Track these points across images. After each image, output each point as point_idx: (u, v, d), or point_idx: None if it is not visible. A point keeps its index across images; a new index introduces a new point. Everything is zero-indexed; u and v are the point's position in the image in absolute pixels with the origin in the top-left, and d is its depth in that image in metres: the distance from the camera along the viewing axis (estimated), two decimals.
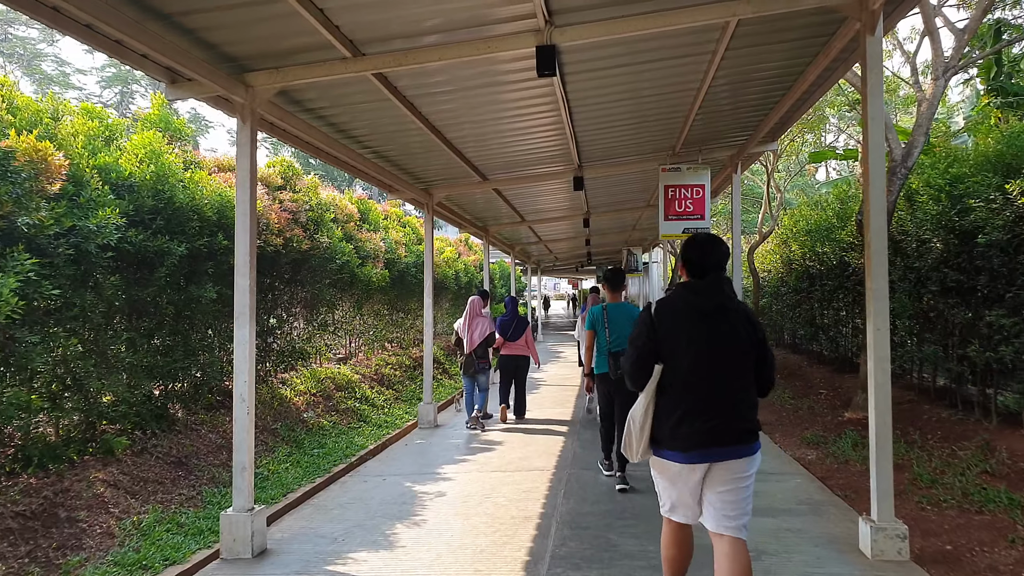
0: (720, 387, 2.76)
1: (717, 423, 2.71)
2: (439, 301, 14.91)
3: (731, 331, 2.79)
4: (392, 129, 6.14)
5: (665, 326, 2.86)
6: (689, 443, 2.74)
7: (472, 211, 11.03)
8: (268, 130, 5.19)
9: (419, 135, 6.34)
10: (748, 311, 2.89)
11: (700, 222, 8.10)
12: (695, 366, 2.76)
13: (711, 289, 2.85)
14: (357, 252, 9.56)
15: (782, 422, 8.04)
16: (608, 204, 11.98)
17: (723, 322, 2.80)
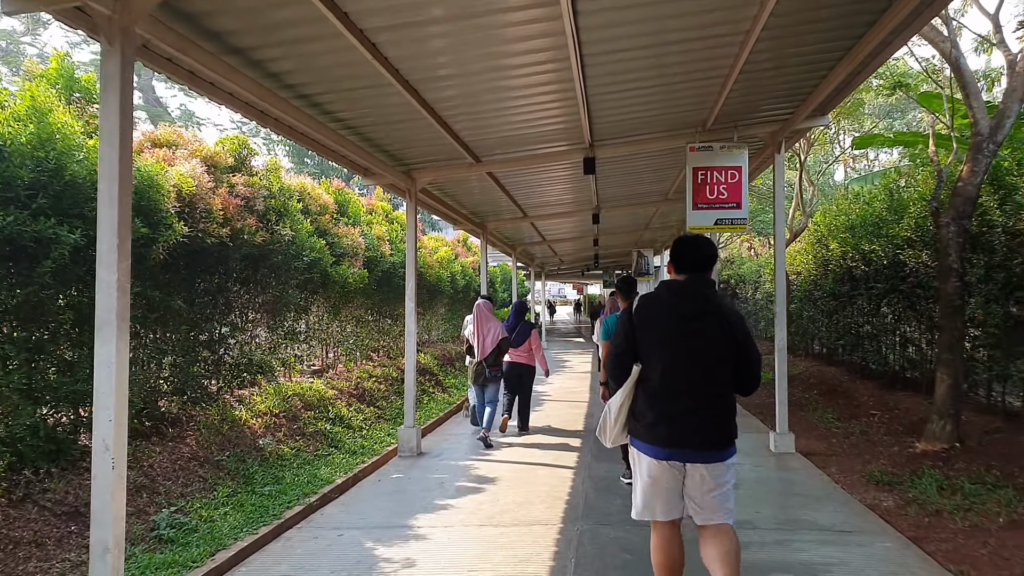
0: (693, 390, 2.79)
1: (687, 426, 2.76)
2: (433, 306, 13.60)
3: (707, 334, 2.80)
4: (357, 86, 4.84)
5: (643, 326, 2.91)
6: (661, 441, 2.79)
7: (466, 203, 9.71)
8: (167, 68, 3.85)
9: (396, 98, 5.05)
10: (729, 312, 2.85)
11: (736, 211, 6.77)
12: (668, 367, 2.81)
13: (690, 290, 2.87)
14: (332, 249, 8.26)
15: (834, 451, 6.68)
16: (621, 197, 10.65)
17: (700, 324, 2.81)
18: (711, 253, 2.94)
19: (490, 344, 7.47)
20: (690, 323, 2.82)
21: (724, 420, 2.82)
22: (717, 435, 2.79)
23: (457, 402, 10.71)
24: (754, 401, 10.01)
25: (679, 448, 2.77)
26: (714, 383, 2.80)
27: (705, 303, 2.85)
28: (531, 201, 10.12)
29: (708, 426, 2.77)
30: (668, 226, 15.23)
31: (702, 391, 2.79)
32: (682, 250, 2.95)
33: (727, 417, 2.83)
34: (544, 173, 8.25)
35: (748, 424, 8.26)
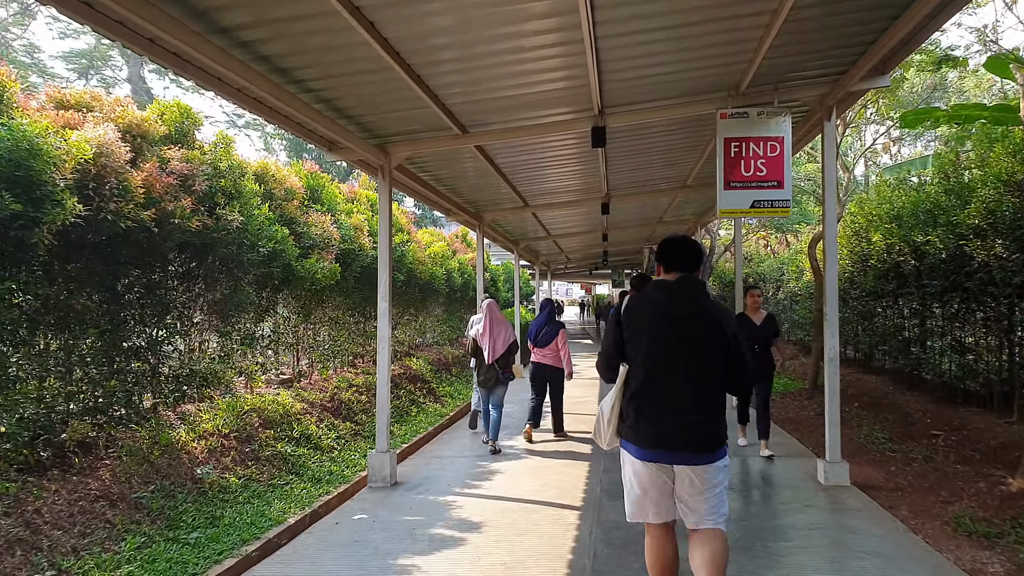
0: (680, 391, 2.76)
1: (671, 427, 2.74)
2: (427, 307, 12.45)
3: (695, 335, 2.78)
4: (311, 30, 3.71)
5: (631, 326, 2.90)
6: (646, 442, 2.77)
7: (457, 188, 8.54)
8: None
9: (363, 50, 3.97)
10: (719, 313, 2.82)
11: (777, 192, 5.58)
12: (656, 368, 2.79)
13: (680, 290, 2.85)
14: (299, 240, 7.13)
15: (898, 485, 5.48)
16: (634, 183, 9.45)
17: (689, 325, 2.79)
18: (698, 252, 2.96)
19: (501, 346, 7.06)
20: (679, 324, 2.80)
21: (712, 422, 2.78)
22: (704, 437, 2.75)
23: (451, 413, 9.58)
24: (785, 415, 8.79)
25: (665, 450, 2.75)
26: (702, 384, 2.78)
27: (694, 304, 2.82)
28: (532, 187, 8.94)
29: (695, 428, 2.74)
30: (683, 219, 14.00)
31: (689, 392, 2.76)
32: (670, 249, 2.97)
33: (716, 419, 2.80)
34: (546, 150, 7.07)
35: (785, 445, 7.05)
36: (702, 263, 3.05)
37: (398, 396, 9.37)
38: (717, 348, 2.77)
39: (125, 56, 24.43)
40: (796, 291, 13.49)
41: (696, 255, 2.95)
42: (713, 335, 2.78)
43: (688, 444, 2.73)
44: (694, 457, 2.73)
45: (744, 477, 5.85)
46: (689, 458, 2.73)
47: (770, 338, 6.46)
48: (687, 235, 2.98)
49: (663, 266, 2.98)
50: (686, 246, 2.97)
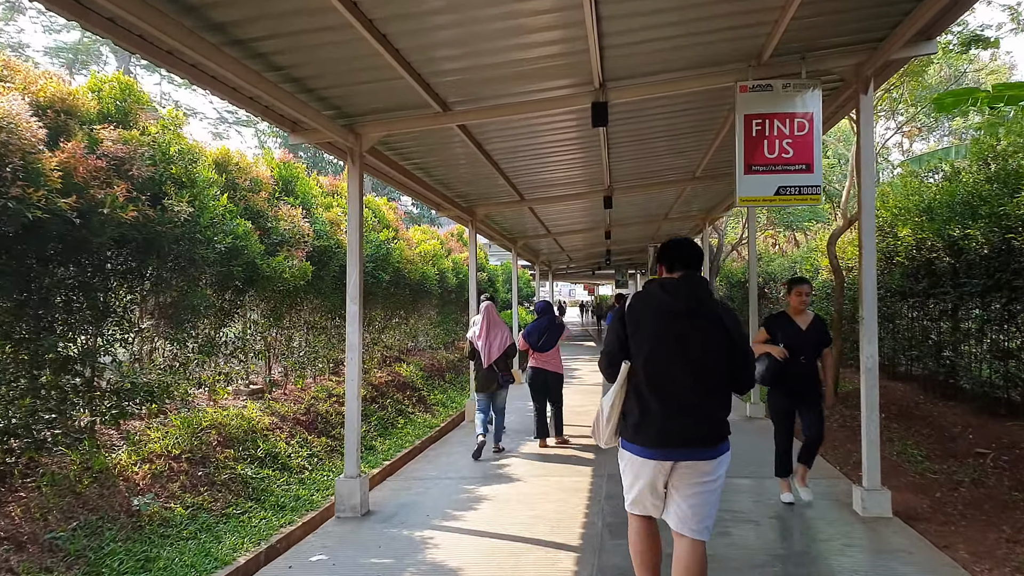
0: (683, 387, 2.76)
1: (677, 423, 2.74)
2: (418, 309, 11.72)
3: (698, 332, 2.78)
4: None
5: (634, 323, 2.88)
6: (650, 440, 2.77)
7: (444, 179, 7.79)
8: None
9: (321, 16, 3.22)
10: (722, 311, 2.84)
11: (806, 176, 4.83)
12: (658, 365, 2.78)
13: (681, 288, 2.84)
14: (265, 235, 6.40)
15: (948, 515, 4.72)
16: (638, 174, 8.71)
17: (691, 322, 2.79)
18: (699, 252, 2.97)
19: (497, 350, 6.82)
20: (681, 321, 2.80)
21: (714, 418, 2.80)
22: (706, 432, 2.76)
23: (441, 424, 8.85)
24: None
25: (666, 447, 2.75)
26: (704, 381, 2.78)
27: (697, 301, 2.82)
28: (528, 179, 8.20)
29: (698, 424, 2.76)
30: (690, 216, 13.25)
31: (691, 388, 2.77)
32: (671, 249, 2.98)
33: (718, 415, 2.81)
34: (541, 134, 6.33)
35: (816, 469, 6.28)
36: (703, 263, 3.03)
37: (383, 407, 8.64)
38: (719, 344, 2.78)
39: (115, 51, 23.78)
40: (823, 289, 12.71)
41: (698, 255, 2.97)
42: (715, 331, 2.79)
43: (690, 440, 2.74)
44: (695, 452, 2.74)
45: (773, 506, 5.09)
46: (690, 453, 2.74)
47: (819, 346, 5.02)
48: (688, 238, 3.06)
49: (665, 266, 2.99)
50: (687, 246, 2.98)
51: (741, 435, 7.57)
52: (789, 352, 4.82)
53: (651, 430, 2.76)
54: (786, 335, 4.92)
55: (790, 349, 4.84)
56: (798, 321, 5.02)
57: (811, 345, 4.96)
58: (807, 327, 5.00)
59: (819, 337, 5.02)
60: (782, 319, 5.06)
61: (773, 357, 4.83)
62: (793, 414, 5.10)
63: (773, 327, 5.04)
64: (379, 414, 8.28)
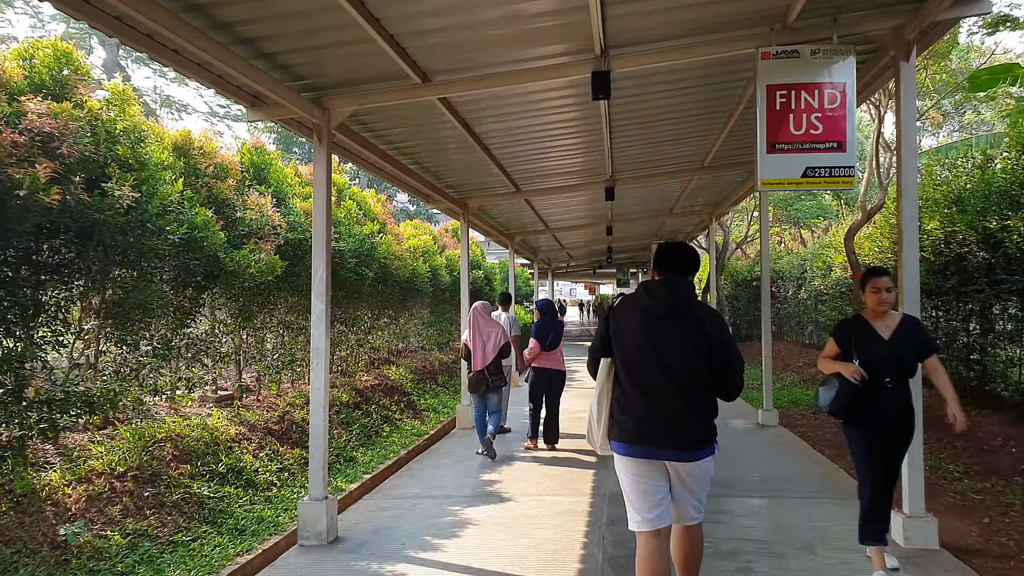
0: (660, 389, 2.78)
1: (654, 423, 2.77)
2: (408, 308, 11.10)
3: (676, 334, 2.80)
4: None
5: (616, 324, 2.94)
6: (630, 437, 2.81)
7: (430, 166, 7.15)
8: None
9: None
10: (704, 313, 2.82)
11: (837, 155, 4.20)
12: (637, 366, 2.83)
13: (663, 291, 2.85)
14: (232, 227, 5.79)
15: (999, 543, 4.10)
16: (642, 163, 8.09)
17: (671, 324, 2.81)
18: (691, 257, 2.96)
19: (492, 351, 6.64)
20: (662, 323, 2.83)
21: (695, 420, 2.78)
22: (685, 434, 2.76)
23: (431, 432, 8.23)
24: (821, 435, 7.40)
25: (648, 446, 2.78)
26: (681, 381, 2.77)
27: (677, 303, 2.84)
28: (524, 167, 7.58)
29: (675, 424, 2.76)
30: (695, 211, 12.62)
31: (668, 389, 2.77)
32: (662, 253, 2.99)
33: (700, 417, 2.80)
34: (536, 113, 5.71)
35: (833, 479, 5.65)
36: (696, 268, 2.99)
37: (367, 413, 8.02)
38: (698, 347, 2.77)
39: (103, 41, 23.19)
40: (822, 289, 12.09)
41: (688, 259, 2.95)
42: (693, 333, 2.78)
43: (669, 440, 2.76)
44: (676, 454, 2.76)
45: (799, 533, 4.47)
46: (671, 454, 2.77)
47: (911, 360, 3.56)
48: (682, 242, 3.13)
49: (656, 270, 3.01)
50: (677, 250, 2.98)
51: (753, 446, 6.94)
52: (867, 370, 3.44)
53: (631, 428, 2.81)
54: (862, 348, 3.53)
55: (868, 366, 3.45)
56: (878, 327, 3.58)
57: (898, 360, 3.50)
58: (892, 334, 3.54)
59: (912, 346, 3.52)
60: (857, 325, 3.66)
61: (844, 379, 3.47)
62: (884, 455, 3.58)
63: (844, 336, 3.66)
64: (362, 421, 7.66)
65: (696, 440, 2.76)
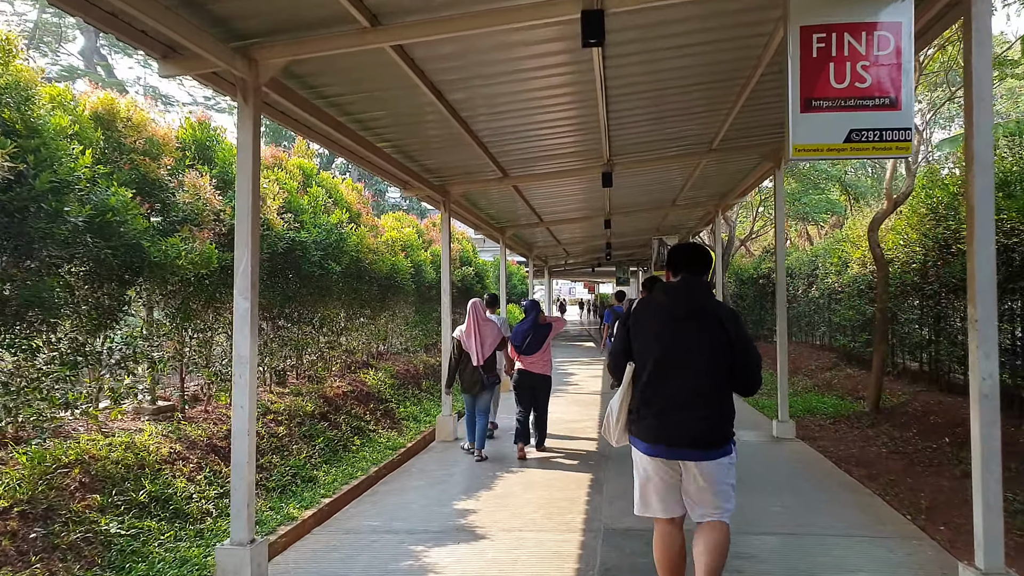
0: (680, 388, 2.81)
1: (674, 422, 2.79)
2: (389, 306, 10.23)
3: (698, 332, 2.83)
4: None
5: (636, 326, 3.00)
6: (650, 438, 2.85)
7: (402, 144, 6.25)
8: None
9: None
10: (723, 312, 2.86)
11: (890, 114, 3.34)
12: (658, 366, 2.85)
13: (680, 291, 2.93)
14: (164, 212, 4.94)
15: None
16: (644, 143, 7.22)
17: (689, 325, 2.85)
18: (704, 257, 3.02)
19: (489, 348, 6.56)
20: (680, 322, 2.86)
21: (715, 419, 2.81)
22: (706, 433, 2.78)
23: (408, 444, 7.38)
24: (846, 451, 6.55)
25: (667, 445, 2.80)
26: (703, 381, 2.80)
27: (696, 302, 2.88)
28: (510, 148, 6.74)
29: (696, 424, 2.77)
30: (700, 202, 11.76)
31: (690, 389, 2.79)
32: (675, 255, 3.08)
33: (719, 416, 2.82)
34: (519, 78, 4.85)
35: (875, 511, 4.78)
36: (710, 268, 3.04)
37: (335, 424, 7.17)
38: (718, 346, 2.80)
39: (82, 28, 22.35)
40: (836, 287, 11.23)
41: (702, 260, 3.00)
42: (713, 332, 2.81)
43: (690, 440, 2.77)
44: (697, 453, 2.77)
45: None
46: (692, 454, 2.77)
47: None
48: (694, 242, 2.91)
49: (671, 271, 3.06)
50: (691, 251, 3.04)
51: (770, 466, 6.07)
52: None
53: (651, 428, 2.84)
54: None
55: None
56: None
57: None
58: None
59: None
60: None
61: None
62: None
63: None
64: (328, 434, 6.81)
65: (714, 439, 2.78)
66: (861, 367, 10.21)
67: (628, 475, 5.89)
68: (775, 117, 6.48)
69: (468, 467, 6.44)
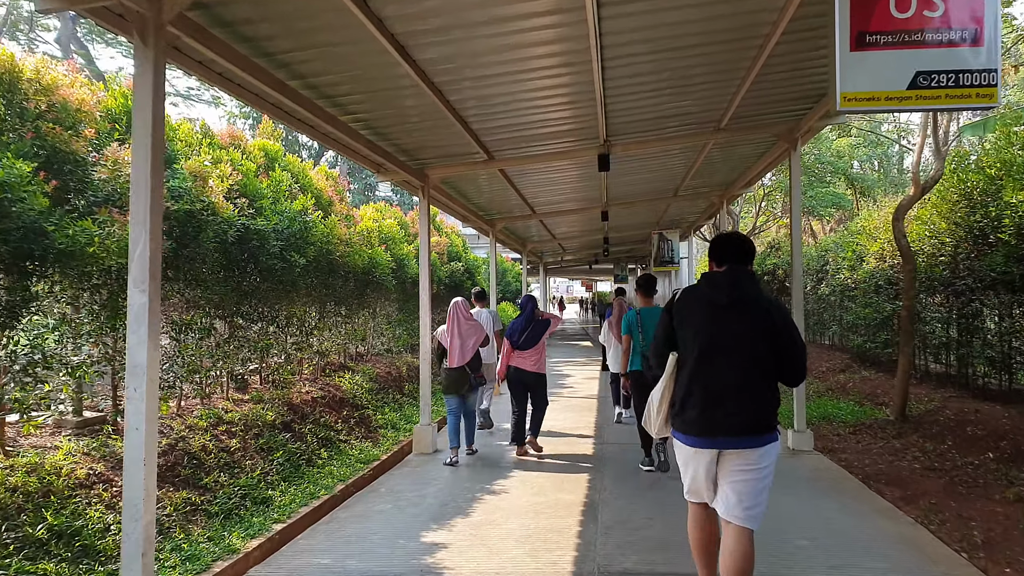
0: (727, 378, 2.79)
1: (720, 412, 2.77)
2: (368, 302, 9.46)
3: (742, 323, 2.80)
4: None
5: (680, 316, 2.98)
6: (693, 428, 2.84)
7: (370, 117, 5.49)
8: None
9: None
10: (767, 301, 2.86)
11: (970, 52, 2.58)
12: (702, 355, 2.84)
13: (727, 280, 2.87)
14: (81, 191, 4.17)
15: None
16: (645, 119, 6.47)
17: (735, 314, 2.82)
18: (748, 247, 3.00)
19: (471, 348, 6.32)
20: (725, 312, 2.83)
21: (760, 407, 2.79)
22: (751, 421, 2.76)
23: (383, 457, 6.64)
24: (873, 467, 5.80)
25: (711, 436, 2.79)
26: (749, 371, 2.78)
27: (741, 292, 2.84)
28: (493, 122, 5.98)
29: (742, 414, 2.76)
30: (702, 192, 11.00)
31: (736, 379, 2.77)
32: (720, 244, 3.03)
33: (764, 404, 2.80)
34: (501, 22, 4.07)
35: (913, 542, 4.02)
36: (753, 257, 2.99)
37: (300, 435, 6.41)
38: (764, 335, 2.77)
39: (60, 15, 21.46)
40: (850, 284, 10.48)
41: (746, 249, 2.98)
42: (759, 322, 2.79)
43: (734, 429, 2.75)
44: (741, 440, 2.76)
45: None
46: (736, 442, 2.76)
47: None
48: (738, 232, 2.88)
49: (715, 261, 3.01)
50: (736, 240, 3.01)
51: (790, 487, 5.29)
52: None
53: (695, 419, 2.82)
54: None
55: None
56: None
57: None
58: None
59: None
60: None
61: None
62: None
63: None
64: (290, 447, 6.05)
65: (761, 426, 2.77)
66: (878, 369, 9.46)
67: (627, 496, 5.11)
68: (794, 89, 5.73)
69: (445, 486, 5.68)
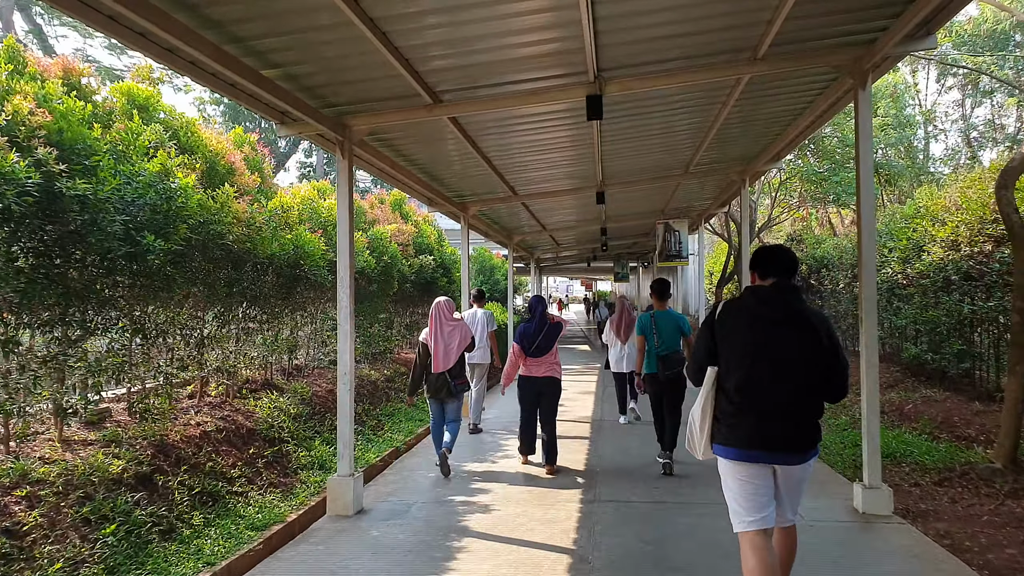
0: (777, 393, 2.78)
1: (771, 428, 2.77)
2: (298, 304, 7.52)
3: (791, 339, 2.79)
4: None
5: (725, 330, 2.93)
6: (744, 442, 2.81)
7: (273, 47, 3.60)
8: None
9: None
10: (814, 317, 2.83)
11: None
12: (752, 371, 2.81)
13: (774, 296, 2.87)
14: None
15: None
16: (656, 39, 4.53)
17: (786, 330, 2.81)
18: (792, 259, 2.96)
19: (455, 352, 5.89)
20: (773, 329, 2.83)
21: (807, 424, 2.80)
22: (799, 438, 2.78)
23: (290, 517, 4.73)
24: (983, 551, 3.86)
25: (763, 450, 2.79)
26: (796, 387, 2.78)
27: (787, 307, 2.84)
28: (417, 31, 4.06)
29: (790, 430, 2.77)
30: (719, 168, 9.05)
31: (785, 395, 2.77)
32: (764, 257, 3.00)
33: (810, 421, 2.82)
34: None
35: None
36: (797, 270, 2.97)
37: (165, 492, 4.52)
38: (811, 352, 2.77)
39: None
40: (900, 280, 8.54)
41: (791, 261, 2.95)
42: (807, 338, 2.78)
43: (783, 444, 2.77)
44: (789, 457, 2.77)
45: None
46: (785, 458, 2.78)
47: None
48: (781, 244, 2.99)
49: (758, 273, 3.00)
50: (782, 254, 2.97)
51: None
52: None
53: (745, 434, 2.79)
54: None
55: None
56: None
57: None
58: None
59: None
60: None
61: None
62: None
63: None
64: (136, 515, 4.13)
65: (807, 443, 2.77)
66: (944, 387, 7.52)
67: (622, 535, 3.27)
68: None
69: (369, 567, 3.77)
